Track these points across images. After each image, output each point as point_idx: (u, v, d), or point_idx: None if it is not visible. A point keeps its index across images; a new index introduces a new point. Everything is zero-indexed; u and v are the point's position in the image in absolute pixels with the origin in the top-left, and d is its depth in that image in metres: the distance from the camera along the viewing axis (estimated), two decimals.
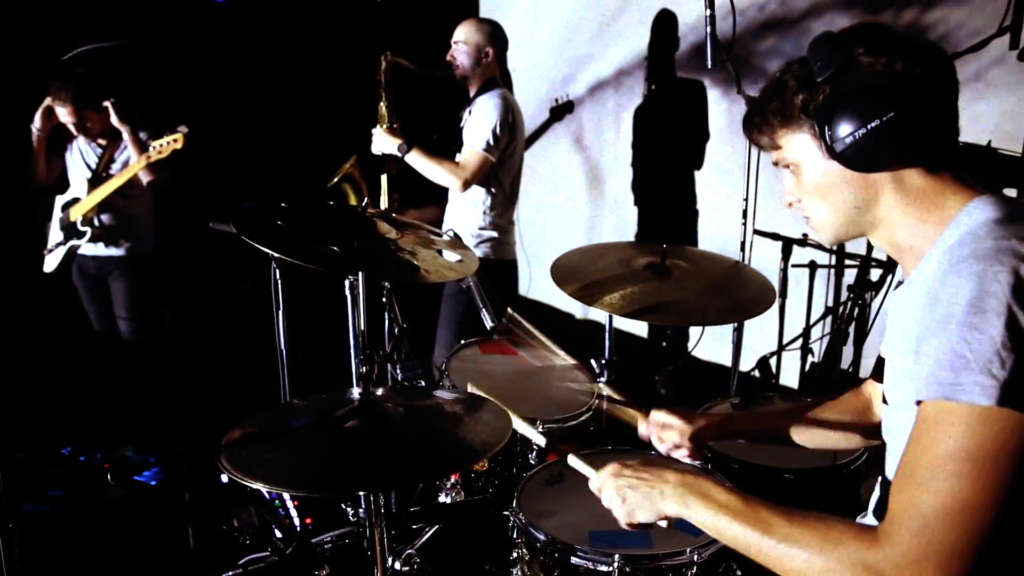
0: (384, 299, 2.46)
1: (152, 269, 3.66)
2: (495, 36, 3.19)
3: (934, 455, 0.94)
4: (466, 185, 3.05)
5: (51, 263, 3.57)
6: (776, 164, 1.19)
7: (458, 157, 3.13)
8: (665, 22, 3.68)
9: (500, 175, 3.16)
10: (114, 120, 3.35)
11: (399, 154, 3.10)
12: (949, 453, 0.93)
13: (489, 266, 2.20)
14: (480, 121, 3.08)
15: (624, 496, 1.22)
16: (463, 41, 3.16)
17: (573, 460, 1.41)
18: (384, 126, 3.20)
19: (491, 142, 3.04)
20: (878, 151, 1.05)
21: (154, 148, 3.27)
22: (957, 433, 0.93)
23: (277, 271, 2.31)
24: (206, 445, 1.63)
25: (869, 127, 1.03)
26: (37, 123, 3.43)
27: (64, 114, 3.39)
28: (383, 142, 3.15)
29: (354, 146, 3.40)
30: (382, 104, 3.23)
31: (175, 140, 3.24)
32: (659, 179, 3.92)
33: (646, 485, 1.20)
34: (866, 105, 1.03)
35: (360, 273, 1.85)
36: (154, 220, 3.68)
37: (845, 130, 1.05)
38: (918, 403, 0.99)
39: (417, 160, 3.08)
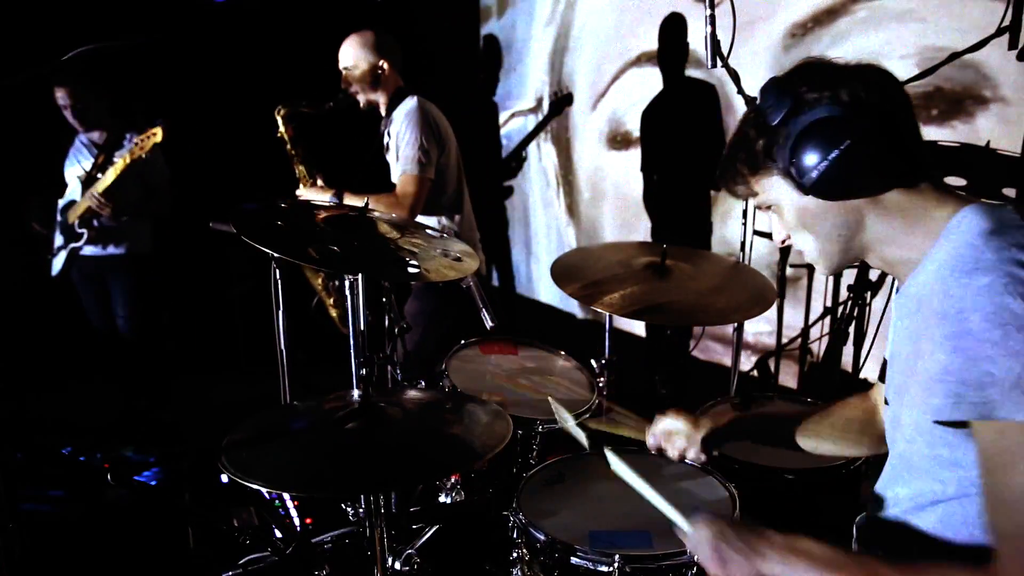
0: (384, 299, 2.46)
1: (150, 268, 3.67)
2: (382, 46, 2.90)
3: (1009, 481, 0.95)
4: (413, 213, 2.79)
5: (56, 266, 3.60)
6: (759, 208, 1.22)
7: (396, 182, 2.85)
8: (673, 20, 3.66)
9: (443, 185, 2.92)
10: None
11: None
12: (1020, 476, 0.93)
13: (451, 282, 2.10)
14: (402, 141, 2.82)
15: (727, 558, 1.18)
16: (352, 66, 2.89)
17: (653, 497, 1.37)
18: (307, 185, 2.96)
19: (422, 160, 2.78)
20: (847, 178, 1.08)
21: (137, 145, 3.27)
22: (1018, 454, 0.93)
23: (277, 271, 2.31)
24: (206, 445, 1.63)
25: (831, 157, 1.06)
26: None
27: (62, 97, 3.41)
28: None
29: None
30: (295, 163, 2.99)
31: (154, 134, 3.23)
32: (662, 179, 3.92)
33: (748, 549, 1.16)
34: (821, 138, 1.06)
35: (360, 273, 1.85)
36: (152, 220, 3.68)
37: (810, 162, 1.08)
38: (940, 423, 0.99)
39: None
